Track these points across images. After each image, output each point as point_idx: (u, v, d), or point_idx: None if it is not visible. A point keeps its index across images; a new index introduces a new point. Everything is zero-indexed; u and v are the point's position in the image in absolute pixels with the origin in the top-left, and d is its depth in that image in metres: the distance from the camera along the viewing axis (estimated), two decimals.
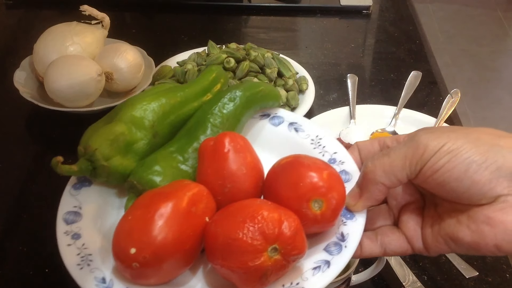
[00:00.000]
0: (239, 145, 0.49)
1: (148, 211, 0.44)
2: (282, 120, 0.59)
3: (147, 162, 0.52)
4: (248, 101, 0.58)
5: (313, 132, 0.57)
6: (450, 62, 2.57)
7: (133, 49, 0.90)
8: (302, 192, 0.45)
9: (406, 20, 1.22)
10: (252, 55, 0.93)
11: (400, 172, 0.44)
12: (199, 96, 0.59)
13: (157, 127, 0.55)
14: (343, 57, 1.09)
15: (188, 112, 0.57)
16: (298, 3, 1.25)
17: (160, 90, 0.58)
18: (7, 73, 0.92)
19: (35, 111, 0.87)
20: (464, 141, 0.42)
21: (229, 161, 0.48)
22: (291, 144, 0.56)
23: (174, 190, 0.46)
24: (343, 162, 0.53)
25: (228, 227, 0.42)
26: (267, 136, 0.59)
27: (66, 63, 0.83)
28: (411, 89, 0.94)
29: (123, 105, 0.56)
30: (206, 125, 0.55)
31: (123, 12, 1.21)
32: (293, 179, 0.46)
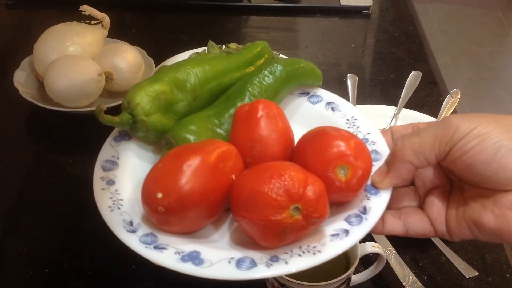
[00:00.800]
0: (272, 112, 0.50)
1: (178, 161, 0.46)
2: (321, 99, 0.61)
3: (184, 121, 0.54)
4: (288, 76, 0.59)
5: (350, 113, 0.59)
6: (450, 62, 2.57)
7: (133, 49, 0.90)
8: (329, 158, 0.47)
9: (406, 20, 1.22)
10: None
11: (429, 152, 0.45)
12: (242, 68, 0.61)
13: (198, 91, 0.57)
14: (343, 57, 1.09)
15: (229, 81, 0.59)
16: (298, 3, 1.25)
17: (205, 58, 0.60)
18: (7, 73, 0.92)
19: (35, 111, 0.87)
20: (495, 126, 0.42)
21: (260, 126, 0.50)
22: (326, 122, 0.57)
23: (205, 146, 0.48)
24: (375, 143, 0.55)
25: (255, 181, 0.44)
26: (303, 113, 0.61)
27: (66, 63, 0.83)
28: (411, 89, 0.93)
29: (169, 67, 0.58)
30: (245, 94, 0.57)
31: (123, 12, 1.21)
32: (321, 146, 0.48)
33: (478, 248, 0.70)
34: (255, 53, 0.63)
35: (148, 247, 0.45)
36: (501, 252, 0.70)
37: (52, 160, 0.83)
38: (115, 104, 0.85)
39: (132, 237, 0.46)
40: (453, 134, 0.43)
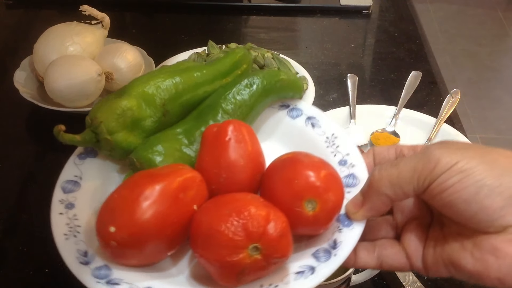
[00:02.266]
0: (242, 135, 0.48)
1: (134, 191, 0.43)
2: (301, 113, 0.58)
3: (150, 140, 0.51)
4: (266, 90, 0.56)
5: (330, 130, 0.55)
6: (450, 62, 2.57)
7: (133, 49, 0.90)
8: (296, 190, 0.44)
9: (406, 20, 1.22)
10: (252, 55, 0.93)
11: (407, 186, 0.42)
12: (218, 79, 0.57)
13: (168, 106, 0.53)
14: (343, 57, 1.09)
15: (203, 94, 0.56)
16: (298, 3, 1.25)
17: (177, 69, 0.56)
18: (7, 73, 0.92)
19: (35, 111, 0.87)
20: (479, 162, 0.39)
21: (228, 150, 0.47)
22: (305, 139, 0.55)
23: (166, 173, 0.45)
24: (353, 165, 0.51)
25: (213, 217, 0.41)
26: (282, 128, 0.57)
27: (66, 63, 0.83)
28: (411, 89, 0.94)
29: (137, 80, 0.54)
30: (217, 110, 0.53)
31: (123, 12, 1.21)
32: (289, 175, 0.45)
33: None
34: (233, 62, 0.59)
35: (100, 282, 0.42)
36: None
37: (52, 160, 0.83)
38: None
39: (84, 270, 0.43)
40: (433, 168, 0.40)
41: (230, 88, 0.55)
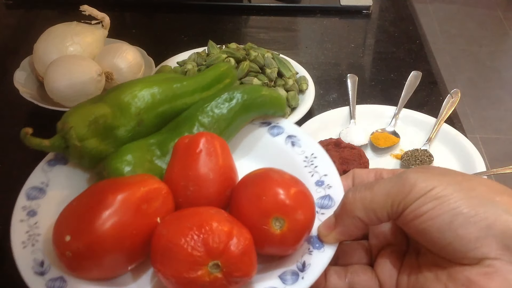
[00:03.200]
0: (213, 148, 0.46)
1: (94, 199, 0.41)
2: (282, 131, 0.56)
3: (121, 150, 0.49)
4: (245, 106, 0.54)
5: (310, 150, 0.54)
6: (450, 62, 2.57)
7: (133, 49, 0.90)
8: (263, 206, 0.42)
9: (406, 20, 1.22)
10: (252, 55, 0.93)
11: (381, 210, 0.40)
12: (197, 92, 0.55)
13: (144, 116, 0.51)
14: (343, 57, 1.09)
15: (181, 106, 0.54)
16: (298, 3, 1.25)
17: (157, 79, 0.54)
18: (7, 73, 0.92)
19: (35, 111, 0.87)
20: (456, 189, 0.38)
21: (198, 163, 0.45)
22: (284, 157, 0.53)
23: (130, 183, 0.43)
24: (330, 187, 0.49)
25: (173, 230, 0.39)
26: (261, 145, 0.56)
27: (66, 63, 0.83)
28: (411, 89, 0.94)
29: (114, 88, 0.53)
30: (193, 123, 0.51)
31: (123, 12, 1.21)
32: (257, 192, 0.43)
33: None
34: (215, 76, 0.57)
35: None
36: None
37: None
38: None
39: (38, 280, 0.41)
40: (408, 193, 0.38)
41: (209, 101, 0.53)
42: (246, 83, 0.89)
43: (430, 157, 0.82)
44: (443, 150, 0.84)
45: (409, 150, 0.83)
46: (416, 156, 0.81)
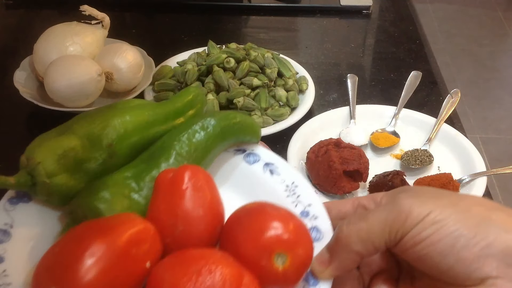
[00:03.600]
0: (200, 182, 0.43)
1: (78, 246, 0.38)
2: (258, 158, 0.53)
3: (95, 186, 0.45)
4: (222, 132, 0.51)
5: (290, 178, 0.51)
6: (450, 62, 2.57)
7: (133, 49, 0.90)
8: (265, 243, 0.40)
9: (406, 20, 1.22)
10: (252, 55, 0.93)
11: (379, 240, 0.39)
12: (170, 119, 0.52)
13: (116, 147, 0.48)
14: (343, 57, 1.09)
15: (154, 134, 0.51)
16: (298, 3, 1.25)
17: (127, 106, 0.52)
18: (7, 73, 0.92)
19: (35, 111, 0.87)
20: (453, 211, 0.37)
21: (185, 200, 0.42)
22: (263, 187, 0.51)
23: (114, 225, 0.40)
24: (316, 217, 0.47)
25: (178, 276, 0.37)
26: (239, 174, 0.53)
27: (66, 63, 0.83)
28: (411, 89, 0.94)
29: (82, 116, 0.50)
30: (170, 153, 0.48)
31: (123, 12, 1.21)
32: (256, 228, 0.41)
33: None
34: (186, 102, 0.54)
35: None
36: None
37: None
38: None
39: None
40: (405, 220, 0.38)
41: (185, 130, 0.50)
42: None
43: (430, 157, 0.82)
44: (443, 150, 0.84)
45: (409, 150, 0.83)
46: (416, 156, 0.81)
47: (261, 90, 0.89)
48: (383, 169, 0.77)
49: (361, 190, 0.77)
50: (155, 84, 0.91)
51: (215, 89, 0.89)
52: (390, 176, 0.73)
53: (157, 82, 0.91)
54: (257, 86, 0.89)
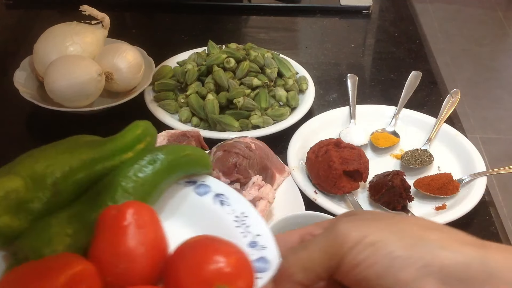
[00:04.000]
0: (143, 218, 0.43)
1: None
2: (209, 190, 0.53)
3: (37, 226, 0.45)
4: (170, 166, 0.50)
5: (240, 208, 0.50)
6: (450, 62, 2.57)
7: (133, 49, 0.90)
8: (205, 275, 0.40)
9: (406, 20, 1.22)
10: (252, 55, 0.93)
11: (320, 267, 0.39)
12: (117, 154, 0.51)
13: (60, 186, 0.47)
14: (343, 57, 1.09)
15: (101, 171, 0.49)
16: (298, 3, 1.25)
17: (73, 144, 0.51)
18: (7, 73, 0.92)
19: (35, 111, 0.87)
20: (388, 233, 0.37)
21: (127, 237, 0.41)
22: (213, 218, 0.50)
23: (54, 266, 0.39)
24: (264, 247, 0.46)
25: None
26: (188, 206, 0.52)
27: (66, 63, 0.83)
28: (411, 89, 0.94)
29: (26, 156, 0.49)
30: (116, 189, 0.47)
31: (123, 12, 1.21)
32: (197, 261, 0.41)
33: None
34: (135, 136, 0.53)
35: None
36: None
37: None
38: (115, 104, 0.85)
39: None
40: (341, 245, 0.38)
41: (131, 165, 0.49)
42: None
43: (430, 157, 0.82)
44: (443, 150, 0.85)
45: (409, 150, 0.83)
46: (416, 156, 0.81)
47: (261, 90, 0.89)
48: (383, 169, 0.77)
49: (361, 190, 0.77)
50: (155, 84, 0.91)
51: (215, 89, 0.89)
52: (390, 176, 0.73)
53: (157, 82, 0.91)
54: (257, 86, 0.89)
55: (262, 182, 0.70)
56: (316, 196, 0.74)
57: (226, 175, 0.70)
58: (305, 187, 0.75)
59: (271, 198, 0.68)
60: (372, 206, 0.75)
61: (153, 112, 0.87)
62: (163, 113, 0.87)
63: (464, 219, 0.72)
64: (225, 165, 0.71)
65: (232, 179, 0.70)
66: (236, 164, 0.71)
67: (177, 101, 0.89)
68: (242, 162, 0.71)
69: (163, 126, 0.84)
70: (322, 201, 0.73)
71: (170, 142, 0.74)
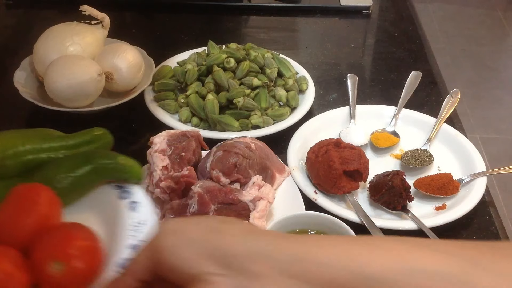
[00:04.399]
0: (40, 198, 0.54)
1: None
2: (129, 196, 0.63)
3: None
4: (97, 170, 0.62)
5: (143, 217, 0.60)
6: (450, 62, 2.57)
7: (133, 49, 0.90)
8: (49, 251, 0.50)
9: (406, 20, 1.22)
10: (252, 55, 0.93)
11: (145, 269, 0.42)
12: (63, 149, 0.64)
13: (8, 162, 0.60)
14: (343, 57, 1.09)
15: (46, 158, 0.63)
16: (298, 3, 1.25)
17: (35, 132, 0.64)
18: (7, 73, 0.92)
19: (35, 111, 0.87)
20: (190, 223, 0.42)
21: (18, 208, 0.53)
22: (118, 218, 0.59)
23: None
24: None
25: None
26: (106, 204, 0.62)
27: (66, 63, 0.83)
28: (411, 89, 0.94)
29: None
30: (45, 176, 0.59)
31: (123, 12, 1.21)
32: (52, 240, 0.51)
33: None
34: (85, 139, 0.65)
35: None
36: None
37: None
38: (115, 104, 0.85)
39: None
40: (154, 239, 0.42)
41: (68, 160, 0.62)
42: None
43: (430, 157, 0.82)
44: (443, 150, 0.84)
45: (409, 150, 0.83)
46: (416, 156, 0.81)
47: (261, 90, 0.89)
48: (383, 169, 0.77)
49: (361, 190, 0.77)
50: (155, 84, 0.91)
51: (215, 89, 0.89)
52: (390, 176, 0.73)
53: (157, 82, 0.91)
54: (257, 86, 0.89)
55: (262, 182, 0.70)
56: (316, 196, 0.74)
57: (226, 175, 0.70)
58: (305, 187, 0.75)
59: (271, 198, 0.68)
60: (372, 206, 0.75)
61: (153, 112, 0.87)
62: (163, 113, 0.87)
63: (464, 219, 0.72)
64: (225, 165, 0.71)
65: (232, 179, 0.71)
66: (236, 164, 0.71)
67: (177, 101, 0.89)
68: (242, 162, 0.71)
69: (163, 126, 0.84)
70: (322, 201, 0.73)
71: (170, 142, 0.74)
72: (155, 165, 0.71)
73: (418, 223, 0.70)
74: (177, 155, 0.72)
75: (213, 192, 0.67)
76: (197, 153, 0.75)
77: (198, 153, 0.76)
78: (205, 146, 0.77)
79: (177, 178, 0.70)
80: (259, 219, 0.66)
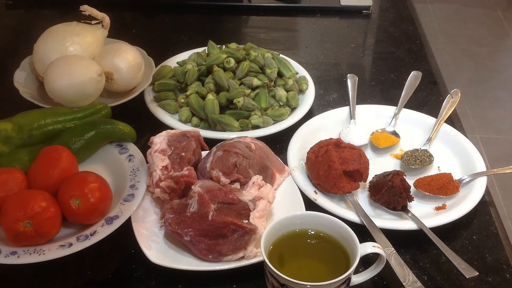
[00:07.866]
0: (59, 155, 0.71)
1: None
2: (127, 151, 0.79)
3: (12, 152, 0.75)
4: (100, 134, 0.78)
5: (137, 165, 0.77)
6: (450, 62, 2.57)
7: (133, 49, 0.90)
8: (70, 190, 0.67)
9: (406, 20, 1.22)
10: (252, 55, 0.93)
11: None
12: (75, 120, 0.80)
13: (34, 132, 0.77)
14: (343, 57, 1.09)
15: (61, 128, 0.79)
16: (298, 3, 1.25)
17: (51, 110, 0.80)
18: (7, 73, 0.92)
19: None
20: None
21: (47, 162, 0.70)
22: (119, 166, 0.77)
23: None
24: (137, 189, 0.73)
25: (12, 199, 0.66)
26: (110, 158, 0.79)
27: (66, 63, 0.83)
28: (411, 89, 0.94)
29: (21, 113, 0.79)
30: (63, 140, 0.76)
31: (123, 12, 1.21)
32: (71, 183, 0.68)
33: (478, 248, 0.70)
34: (91, 111, 0.80)
35: None
36: (501, 252, 0.70)
37: None
38: (115, 104, 0.85)
39: None
40: None
41: (79, 128, 0.78)
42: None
43: (430, 157, 0.82)
44: (443, 150, 0.85)
45: (409, 150, 0.83)
46: (416, 156, 0.81)
47: (261, 90, 0.89)
48: (383, 169, 0.77)
49: (361, 190, 0.77)
50: (155, 84, 0.91)
51: (215, 89, 0.89)
52: (390, 176, 0.73)
53: (157, 82, 0.91)
54: (257, 86, 0.89)
55: (262, 182, 0.70)
56: (316, 196, 0.74)
57: (226, 175, 0.70)
58: (305, 187, 0.75)
59: (271, 198, 0.68)
60: (372, 206, 0.75)
61: (153, 112, 0.87)
62: (163, 113, 0.87)
63: (464, 219, 0.72)
64: (225, 165, 0.71)
65: (232, 179, 0.71)
66: (236, 164, 0.71)
67: (177, 101, 0.89)
68: (242, 162, 0.71)
69: (163, 126, 0.84)
70: (322, 201, 0.73)
71: (170, 142, 0.74)
72: (155, 165, 0.72)
73: (418, 223, 0.70)
74: (177, 155, 0.72)
75: (213, 192, 0.67)
76: (197, 153, 0.75)
77: (198, 153, 0.76)
78: (205, 146, 0.77)
79: (177, 178, 0.70)
80: (259, 218, 0.66)
